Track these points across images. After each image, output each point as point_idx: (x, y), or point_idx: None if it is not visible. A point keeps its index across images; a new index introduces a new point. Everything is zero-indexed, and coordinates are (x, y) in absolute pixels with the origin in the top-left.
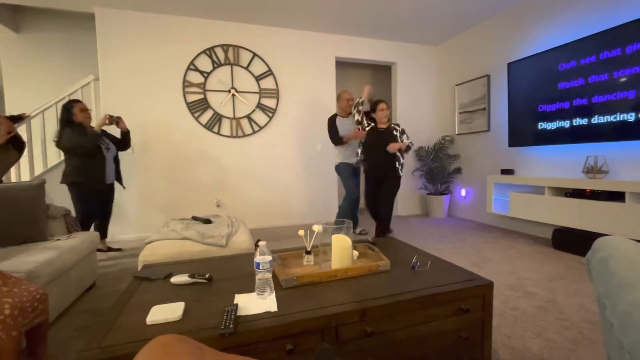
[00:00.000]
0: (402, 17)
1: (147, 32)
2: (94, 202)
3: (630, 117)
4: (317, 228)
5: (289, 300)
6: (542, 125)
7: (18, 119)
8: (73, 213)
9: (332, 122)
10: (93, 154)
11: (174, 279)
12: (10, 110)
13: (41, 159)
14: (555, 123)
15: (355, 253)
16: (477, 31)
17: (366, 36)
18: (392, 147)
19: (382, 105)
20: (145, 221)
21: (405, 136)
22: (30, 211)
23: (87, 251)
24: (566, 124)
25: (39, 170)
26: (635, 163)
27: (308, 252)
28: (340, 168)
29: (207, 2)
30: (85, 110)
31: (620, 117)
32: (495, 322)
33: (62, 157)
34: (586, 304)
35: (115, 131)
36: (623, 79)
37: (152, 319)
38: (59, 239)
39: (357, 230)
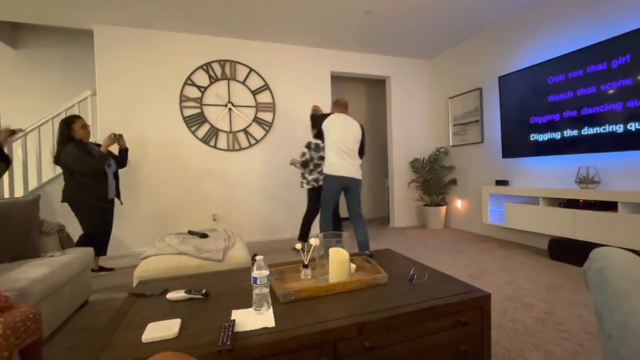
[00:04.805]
0: (396, 32)
1: (144, 48)
2: (98, 218)
3: (619, 128)
4: (314, 241)
5: (286, 315)
6: (534, 137)
7: (11, 133)
8: (70, 230)
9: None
10: (95, 173)
11: (170, 295)
12: (6, 125)
13: (35, 174)
14: (546, 134)
15: (353, 266)
16: (468, 46)
17: (361, 51)
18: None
19: None
20: (141, 236)
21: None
22: (23, 227)
23: (80, 267)
24: (557, 135)
25: (33, 185)
26: (625, 173)
27: (305, 266)
28: None
29: (204, 19)
30: (85, 127)
31: (609, 128)
32: (494, 334)
33: (56, 172)
34: (584, 314)
35: (114, 148)
36: (610, 92)
37: (148, 337)
38: (52, 255)
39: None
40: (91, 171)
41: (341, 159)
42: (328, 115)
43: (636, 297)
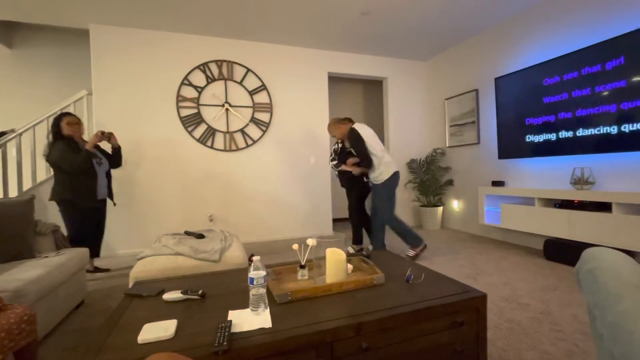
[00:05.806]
0: (393, 34)
1: (141, 48)
2: (86, 219)
3: (613, 129)
4: (311, 242)
5: (283, 315)
6: (530, 138)
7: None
8: (64, 230)
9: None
10: (83, 172)
11: (166, 296)
12: (1, 125)
13: (30, 174)
14: (542, 136)
15: (350, 267)
16: (464, 47)
17: (358, 52)
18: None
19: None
20: (137, 237)
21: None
22: (18, 227)
23: (76, 268)
24: (552, 136)
25: (27, 185)
26: (619, 174)
27: (302, 267)
28: None
29: (201, 19)
30: (72, 124)
31: (603, 130)
32: (490, 334)
33: (51, 172)
34: (580, 315)
35: (107, 147)
36: (604, 94)
37: (144, 338)
38: (47, 256)
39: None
40: (76, 169)
41: (391, 157)
42: (355, 131)
43: (627, 297)
